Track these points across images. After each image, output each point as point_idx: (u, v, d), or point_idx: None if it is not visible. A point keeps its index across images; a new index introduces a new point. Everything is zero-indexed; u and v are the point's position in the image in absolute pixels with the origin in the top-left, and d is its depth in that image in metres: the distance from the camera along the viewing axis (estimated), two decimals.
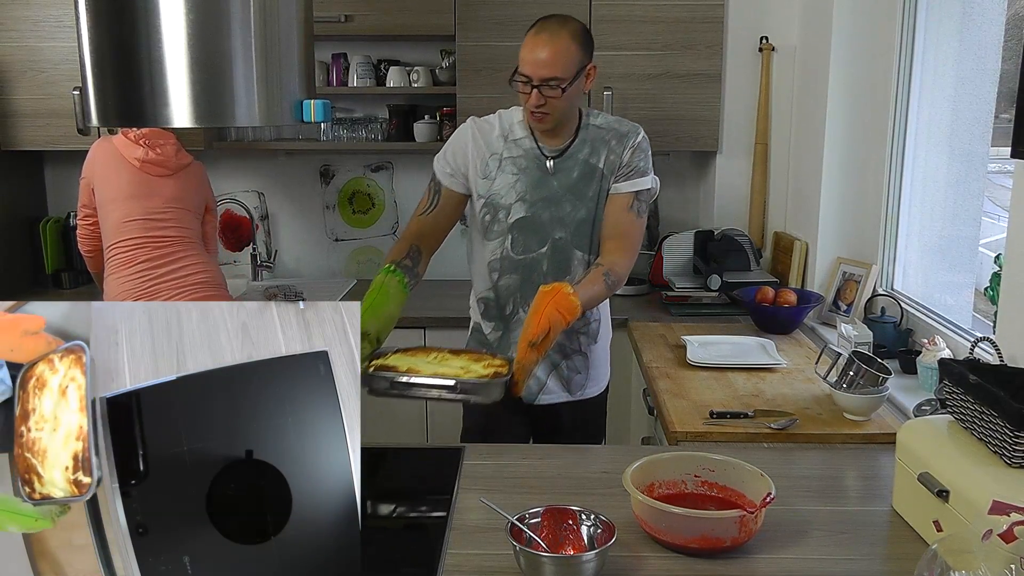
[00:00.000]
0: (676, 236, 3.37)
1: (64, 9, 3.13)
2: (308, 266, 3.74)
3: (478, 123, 2.15)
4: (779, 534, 1.42)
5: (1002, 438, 1.32)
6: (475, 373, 1.65)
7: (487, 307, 2.21)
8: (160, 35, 1.35)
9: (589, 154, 2.11)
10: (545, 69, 1.95)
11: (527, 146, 2.11)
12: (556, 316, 1.76)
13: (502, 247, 2.14)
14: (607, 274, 2.00)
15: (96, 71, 1.40)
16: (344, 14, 3.15)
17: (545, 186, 2.11)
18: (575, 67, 1.98)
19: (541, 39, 1.96)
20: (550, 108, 1.99)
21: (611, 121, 2.15)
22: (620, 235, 2.09)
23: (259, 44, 1.42)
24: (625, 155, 2.09)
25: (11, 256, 3.40)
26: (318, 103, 1.52)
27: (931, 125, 2.61)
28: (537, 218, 2.12)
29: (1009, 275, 1.91)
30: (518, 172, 2.11)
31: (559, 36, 1.96)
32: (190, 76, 1.37)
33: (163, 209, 2.80)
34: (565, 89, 1.97)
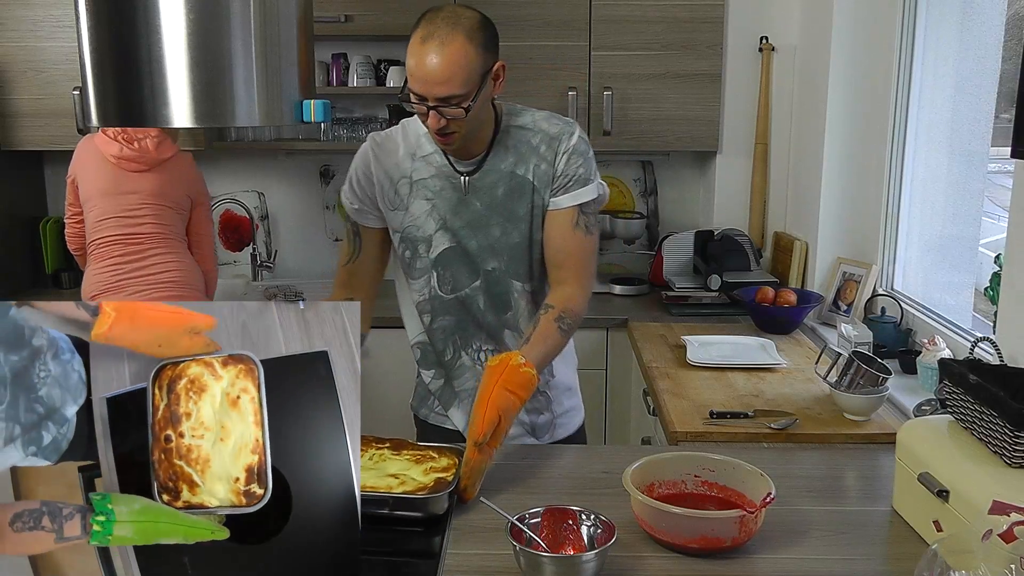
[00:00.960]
0: (676, 236, 3.37)
1: (64, 9, 3.13)
2: (308, 266, 3.74)
3: (378, 142, 1.81)
4: (779, 534, 1.42)
5: (1002, 438, 1.32)
6: (413, 483, 1.46)
7: (423, 353, 1.93)
8: (160, 35, 1.35)
9: (514, 163, 1.76)
10: (440, 86, 1.58)
11: (438, 163, 1.77)
12: (506, 400, 1.52)
13: (428, 286, 1.84)
14: (560, 319, 1.71)
15: (96, 71, 1.40)
16: (344, 14, 3.15)
17: (466, 209, 1.77)
18: (477, 76, 1.61)
19: (430, 48, 1.57)
20: (456, 127, 1.64)
21: (539, 119, 1.77)
22: (567, 260, 1.77)
23: (259, 44, 1.42)
24: (559, 162, 1.74)
25: (11, 256, 3.40)
26: (318, 103, 1.52)
27: (931, 125, 2.61)
28: (463, 248, 1.79)
29: (1009, 275, 1.91)
30: (433, 196, 1.77)
31: (451, 41, 1.57)
32: (190, 76, 1.37)
33: (138, 205, 2.76)
34: (469, 107, 1.61)
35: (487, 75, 1.64)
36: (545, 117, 1.79)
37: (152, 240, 2.78)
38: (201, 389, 1.10)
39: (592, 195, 1.78)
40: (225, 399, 1.10)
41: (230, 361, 1.12)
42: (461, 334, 1.87)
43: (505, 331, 1.87)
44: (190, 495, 1.07)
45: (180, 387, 1.10)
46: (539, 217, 1.78)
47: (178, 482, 1.07)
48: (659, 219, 3.62)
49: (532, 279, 1.83)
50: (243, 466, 1.09)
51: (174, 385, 1.10)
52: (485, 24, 1.64)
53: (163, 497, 1.06)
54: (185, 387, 1.10)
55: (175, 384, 1.10)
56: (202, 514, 1.07)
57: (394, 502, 1.41)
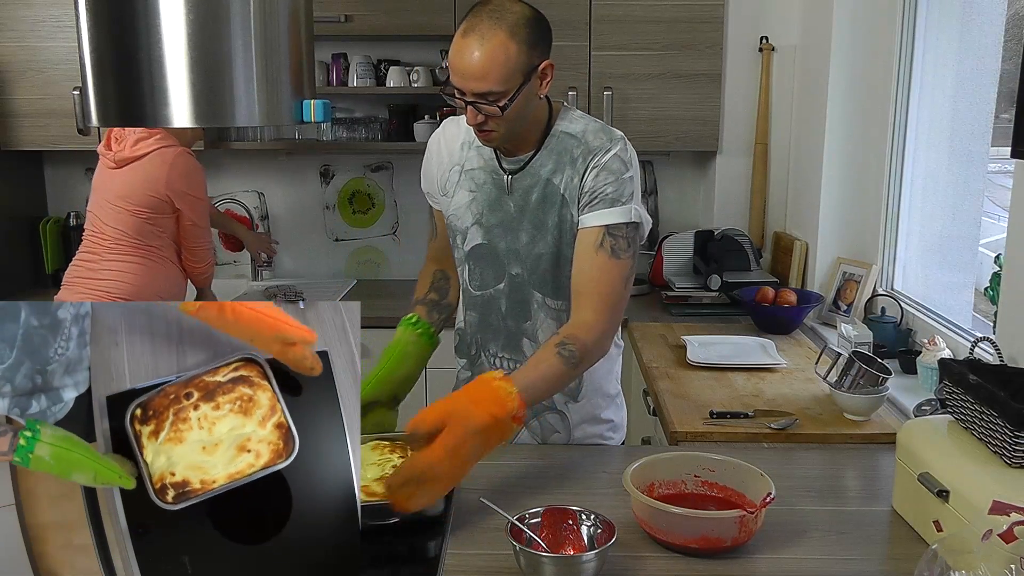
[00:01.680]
0: (676, 236, 3.37)
1: (64, 9, 3.13)
2: (308, 266, 3.74)
3: (447, 126, 1.81)
4: (779, 534, 1.42)
5: (1002, 438, 1.32)
6: (380, 495, 1.36)
7: (459, 341, 1.89)
8: (160, 35, 1.35)
9: (552, 171, 1.69)
10: (477, 82, 1.54)
11: (487, 156, 1.74)
12: (463, 408, 1.36)
13: (463, 278, 1.82)
14: (562, 345, 1.56)
15: (96, 71, 1.40)
16: (344, 14, 3.15)
17: (502, 208, 1.72)
18: (519, 74, 1.56)
19: (470, 43, 1.53)
20: (494, 125, 1.60)
21: (589, 129, 1.69)
22: (587, 285, 1.64)
23: (259, 44, 1.42)
24: (588, 177, 1.65)
25: (11, 256, 3.40)
26: (318, 103, 1.52)
27: (931, 125, 2.61)
28: (494, 247, 1.75)
29: (1009, 275, 1.91)
30: (475, 189, 1.74)
31: (492, 37, 1.52)
32: (190, 76, 1.37)
33: (101, 205, 2.71)
34: (505, 106, 1.56)
35: (531, 73, 1.58)
36: (596, 129, 1.70)
37: (109, 243, 2.69)
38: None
39: (621, 218, 1.64)
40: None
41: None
42: (483, 333, 1.83)
43: (524, 340, 1.80)
44: None
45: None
46: (568, 233, 1.69)
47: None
48: (659, 219, 3.63)
49: (559, 296, 1.74)
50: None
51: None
52: (533, 20, 1.58)
53: None
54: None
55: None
56: (120, 461, 1.08)
57: (388, 510, 1.34)
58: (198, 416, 1.11)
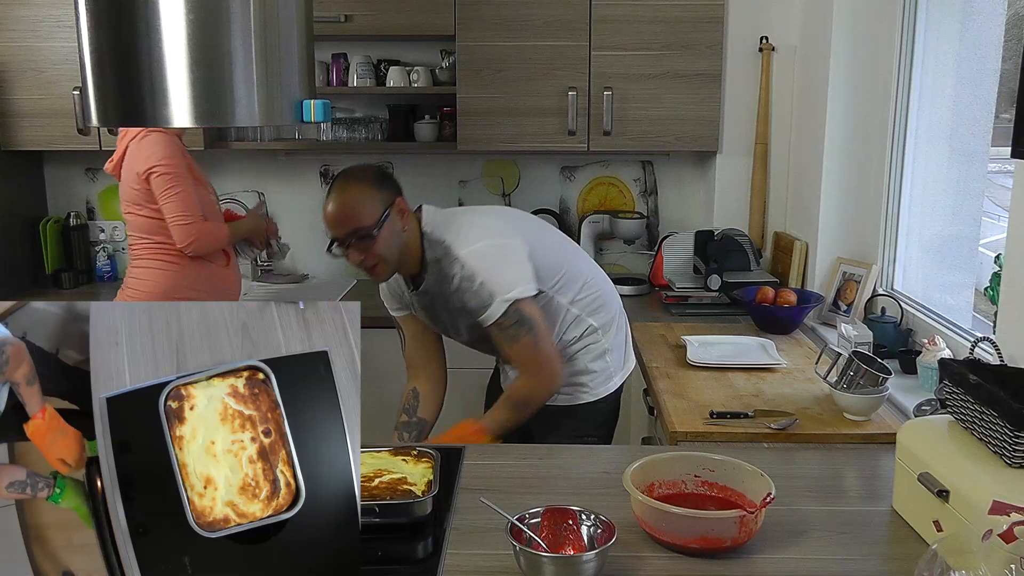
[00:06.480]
0: (676, 236, 3.37)
1: (64, 9, 3.13)
2: (308, 266, 3.74)
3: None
4: (779, 534, 1.42)
5: (1002, 438, 1.32)
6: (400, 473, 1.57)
7: None
8: (160, 35, 1.35)
9: (440, 287, 2.02)
10: (344, 225, 1.90)
11: (401, 283, 2.13)
12: (457, 439, 1.93)
13: None
14: (508, 398, 2.03)
15: (96, 71, 1.40)
16: (344, 14, 3.14)
17: (427, 315, 2.15)
18: (377, 209, 1.91)
19: (331, 199, 1.92)
20: (375, 260, 1.93)
21: (446, 253, 1.98)
22: (509, 358, 2.07)
23: (259, 44, 1.42)
24: (462, 296, 1.98)
25: (11, 256, 3.40)
26: (318, 103, 1.52)
27: (931, 125, 2.61)
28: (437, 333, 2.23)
29: (1009, 275, 1.91)
30: (409, 306, 2.19)
31: (347, 188, 1.92)
32: (190, 76, 1.37)
33: (124, 217, 2.76)
34: (376, 235, 1.90)
35: (388, 210, 1.92)
36: (446, 248, 1.97)
37: (135, 250, 2.75)
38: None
39: (497, 315, 1.93)
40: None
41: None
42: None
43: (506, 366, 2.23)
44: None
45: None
46: (480, 328, 2.00)
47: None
48: (659, 219, 3.63)
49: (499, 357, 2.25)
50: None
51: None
52: (381, 174, 2.01)
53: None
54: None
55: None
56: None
57: (379, 509, 1.42)
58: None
